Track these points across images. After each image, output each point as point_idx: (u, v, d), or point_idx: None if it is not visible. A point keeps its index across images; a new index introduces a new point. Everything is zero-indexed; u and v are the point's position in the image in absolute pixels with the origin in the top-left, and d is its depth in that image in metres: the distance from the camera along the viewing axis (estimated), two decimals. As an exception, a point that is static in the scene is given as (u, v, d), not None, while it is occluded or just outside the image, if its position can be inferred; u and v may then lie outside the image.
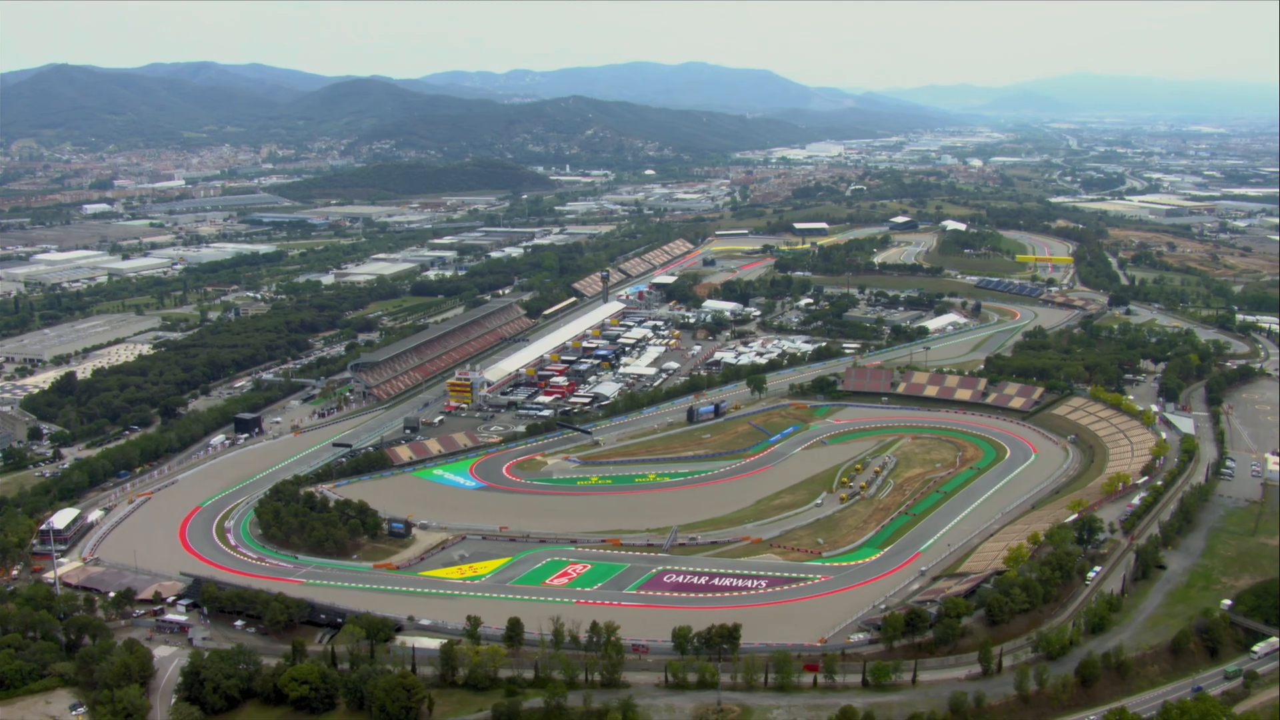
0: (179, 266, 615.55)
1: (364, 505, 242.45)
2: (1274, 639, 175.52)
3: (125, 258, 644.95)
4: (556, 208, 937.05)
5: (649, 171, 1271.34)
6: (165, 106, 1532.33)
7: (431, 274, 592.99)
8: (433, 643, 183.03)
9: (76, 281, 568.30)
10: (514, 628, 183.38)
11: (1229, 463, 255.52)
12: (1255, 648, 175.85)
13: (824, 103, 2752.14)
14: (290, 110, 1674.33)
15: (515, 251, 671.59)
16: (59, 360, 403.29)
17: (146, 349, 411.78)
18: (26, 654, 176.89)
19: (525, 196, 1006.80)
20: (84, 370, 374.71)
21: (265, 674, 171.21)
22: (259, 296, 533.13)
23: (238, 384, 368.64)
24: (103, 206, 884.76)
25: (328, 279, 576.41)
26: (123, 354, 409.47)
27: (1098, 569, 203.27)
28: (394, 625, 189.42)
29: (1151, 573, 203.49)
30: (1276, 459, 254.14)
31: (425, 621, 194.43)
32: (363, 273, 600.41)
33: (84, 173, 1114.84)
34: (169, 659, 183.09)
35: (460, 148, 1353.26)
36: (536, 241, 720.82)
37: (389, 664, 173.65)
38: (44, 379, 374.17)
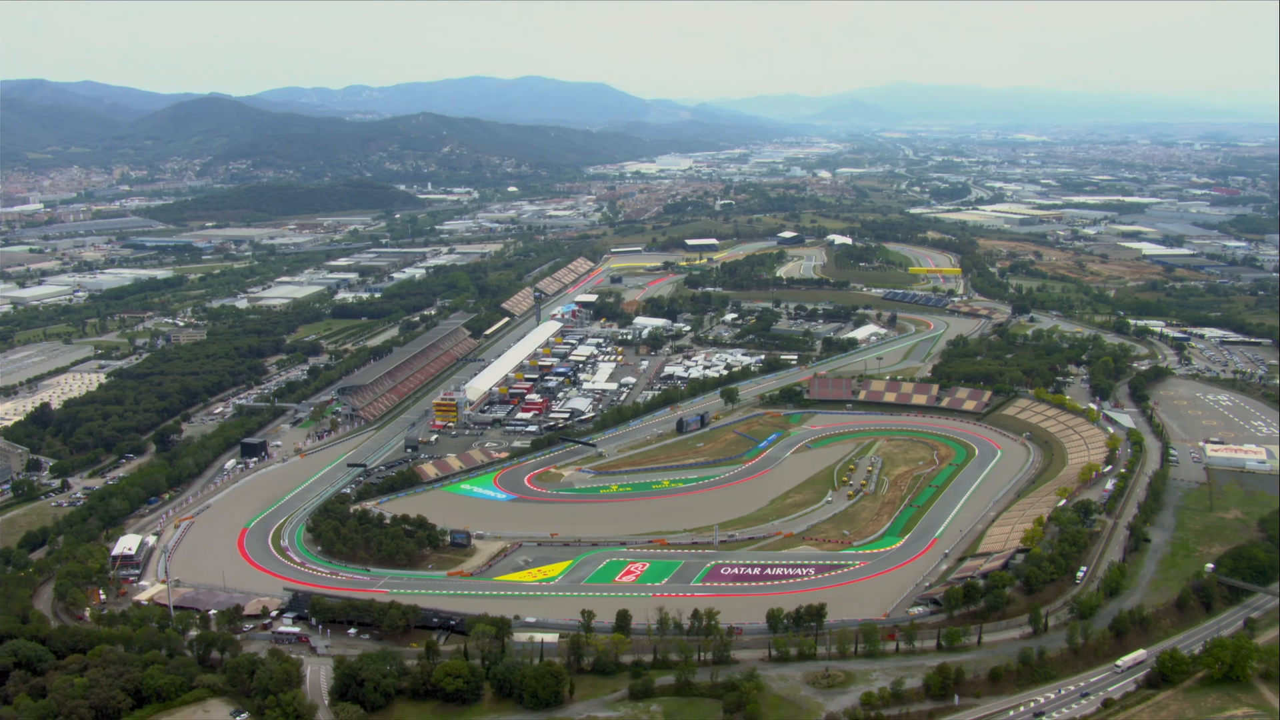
0: (80, 294, 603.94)
1: (423, 519, 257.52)
2: (1140, 652, 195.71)
3: (22, 285, 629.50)
4: (435, 227, 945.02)
5: (512, 189, 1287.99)
6: (4, 127, 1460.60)
7: (349, 296, 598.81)
8: (548, 636, 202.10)
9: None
10: (623, 618, 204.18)
11: (1172, 451, 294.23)
12: (1118, 661, 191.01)
13: (661, 115, 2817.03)
14: (136, 130, 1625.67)
15: (417, 272, 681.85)
16: (7, 391, 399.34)
17: (101, 378, 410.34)
18: (169, 668, 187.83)
19: (399, 216, 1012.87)
20: (40, 401, 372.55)
21: (413, 673, 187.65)
22: (179, 323, 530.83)
23: (215, 410, 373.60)
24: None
25: (240, 304, 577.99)
26: (74, 384, 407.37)
27: (1084, 568, 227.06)
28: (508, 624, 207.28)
29: (1141, 545, 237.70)
30: (1213, 446, 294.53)
31: (530, 619, 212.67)
32: (273, 296, 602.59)
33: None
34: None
35: (318, 167, 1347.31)
36: (432, 262, 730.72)
37: (516, 657, 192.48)
38: (3, 410, 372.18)
